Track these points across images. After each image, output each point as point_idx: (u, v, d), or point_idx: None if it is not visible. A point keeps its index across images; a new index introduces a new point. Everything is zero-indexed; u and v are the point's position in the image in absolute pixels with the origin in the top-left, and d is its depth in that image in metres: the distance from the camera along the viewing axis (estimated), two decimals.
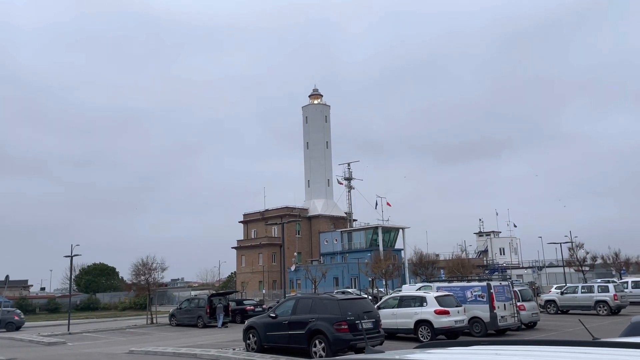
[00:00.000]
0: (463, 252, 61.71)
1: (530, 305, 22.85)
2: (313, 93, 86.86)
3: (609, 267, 53.88)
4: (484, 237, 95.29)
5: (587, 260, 49.54)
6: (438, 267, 57.44)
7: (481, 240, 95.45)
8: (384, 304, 21.07)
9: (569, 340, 3.15)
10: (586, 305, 29.56)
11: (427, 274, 50.15)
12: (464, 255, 70.05)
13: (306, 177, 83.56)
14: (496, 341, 3.44)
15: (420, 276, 50.44)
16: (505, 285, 21.26)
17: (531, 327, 22.56)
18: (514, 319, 20.74)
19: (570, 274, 52.78)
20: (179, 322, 32.08)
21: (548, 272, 67.50)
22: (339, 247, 74.64)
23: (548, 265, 74.42)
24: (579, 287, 31.03)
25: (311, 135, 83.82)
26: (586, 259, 48.71)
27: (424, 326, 18.83)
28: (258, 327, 17.19)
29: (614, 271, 53.99)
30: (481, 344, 3.47)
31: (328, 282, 59.30)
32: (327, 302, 15.74)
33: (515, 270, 75.20)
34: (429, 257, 57.18)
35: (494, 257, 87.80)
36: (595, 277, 53.19)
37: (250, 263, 77.24)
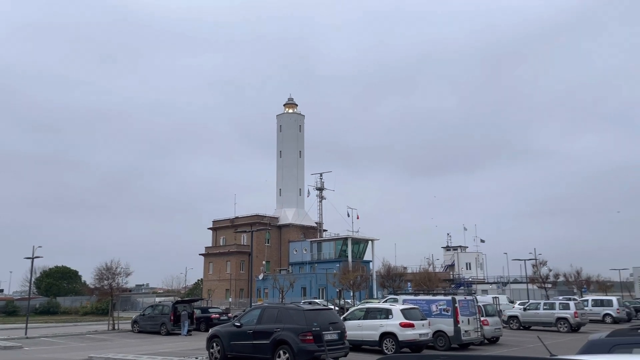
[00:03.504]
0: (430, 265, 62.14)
1: (494, 321, 23.20)
2: (288, 102, 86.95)
3: (571, 284, 55.25)
4: (451, 251, 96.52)
5: (550, 278, 50.68)
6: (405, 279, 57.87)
7: (448, 254, 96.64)
8: (351, 315, 21.08)
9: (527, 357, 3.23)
10: (547, 322, 30.17)
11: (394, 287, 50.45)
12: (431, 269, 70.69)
13: (278, 185, 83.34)
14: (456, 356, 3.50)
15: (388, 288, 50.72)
16: (469, 299, 21.55)
17: (494, 342, 22.88)
18: (477, 333, 21.01)
19: (533, 290, 53.86)
20: (141, 328, 31.44)
21: (512, 288, 68.72)
22: (308, 257, 74.51)
23: (512, 281, 75.77)
24: (541, 304, 31.68)
25: (285, 144, 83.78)
26: (549, 276, 49.83)
27: (389, 339, 18.90)
28: (222, 335, 16.98)
29: (575, 289, 55.37)
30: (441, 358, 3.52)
31: (296, 292, 59.01)
32: (293, 312, 15.66)
33: (481, 285, 76.29)
34: (396, 270, 57.61)
35: (460, 271, 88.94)
36: (557, 294, 54.40)
37: (218, 270, 76.38)
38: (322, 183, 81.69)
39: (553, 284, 54.99)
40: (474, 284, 75.33)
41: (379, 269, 60.45)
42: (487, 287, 73.74)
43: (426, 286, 45.60)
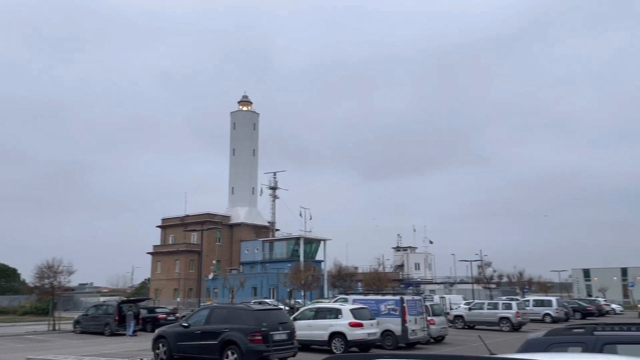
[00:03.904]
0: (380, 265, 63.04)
1: (440, 320, 23.76)
2: (242, 100, 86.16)
3: (514, 285, 57.31)
4: (401, 252, 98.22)
5: (495, 278, 52.40)
6: (356, 279, 58.46)
7: (398, 255, 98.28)
8: (301, 315, 21.09)
9: (467, 356, 3.31)
10: (491, 321, 31.16)
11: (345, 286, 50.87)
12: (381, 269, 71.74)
13: (231, 183, 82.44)
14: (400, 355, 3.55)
15: (339, 288, 51.10)
16: (417, 299, 21.98)
17: (439, 341, 23.42)
18: (424, 332, 21.46)
19: (479, 290, 55.57)
20: (84, 329, 30.35)
21: (459, 288, 70.60)
22: (259, 256, 74.05)
23: (459, 281, 77.87)
24: (485, 304, 32.70)
25: (238, 142, 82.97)
26: (493, 277, 51.51)
27: (338, 338, 19.02)
28: (169, 336, 16.63)
29: (518, 289, 57.48)
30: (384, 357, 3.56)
31: (246, 292, 58.49)
32: (242, 312, 15.53)
33: (429, 285, 78.04)
34: (347, 270, 58.11)
35: (409, 271, 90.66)
36: (501, 294, 56.30)
37: (166, 270, 74.79)
38: (276, 182, 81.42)
39: (497, 285, 56.90)
40: (422, 284, 77.00)
41: (331, 269, 60.82)
42: (435, 287, 75.53)
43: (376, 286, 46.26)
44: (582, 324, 7.89)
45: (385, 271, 74.84)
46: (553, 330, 7.55)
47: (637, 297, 69.22)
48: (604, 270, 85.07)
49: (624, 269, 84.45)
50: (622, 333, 6.80)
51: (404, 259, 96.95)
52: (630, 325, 7.23)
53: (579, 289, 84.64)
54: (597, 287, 78.20)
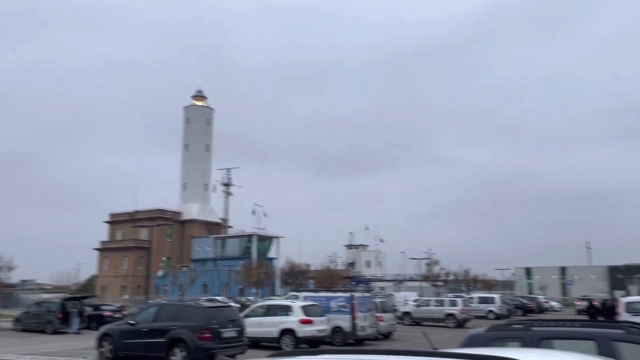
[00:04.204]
0: (332, 263, 63.57)
1: (388, 317, 24.27)
2: (197, 94, 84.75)
3: (460, 283, 59.10)
4: (353, 250, 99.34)
5: (442, 276, 53.84)
6: (308, 277, 58.81)
7: (350, 253, 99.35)
8: (251, 312, 21.06)
9: (409, 350, 3.44)
10: (437, 318, 32.07)
11: (297, 284, 51.10)
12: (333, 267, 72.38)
13: (183, 179, 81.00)
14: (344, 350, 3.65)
15: (291, 285, 51.25)
16: (367, 296, 22.37)
17: (387, 337, 23.91)
18: (372, 329, 21.86)
19: (427, 288, 56.97)
20: (25, 327, 29.15)
21: (408, 285, 72.06)
22: (211, 253, 73.14)
23: (409, 279, 79.50)
24: (432, 301, 33.61)
25: (192, 137, 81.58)
26: (440, 275, 52.92)
27: (288, 335, 19.12)
28: (114, 334, 16.25)
29: (464, 287, 59.29)
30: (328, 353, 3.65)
31: (197, 289, 57.66)
32: (192, 309, 15.38)
33: (379, 282, 79.35)
34: (300, 267, 58.36)
35: (360, 269, 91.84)
36: (448, 291, 57.94)
37: (114, 266, 72.77)
38: (230, 179, 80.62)
39: (444, 282, 58.50)
40: (373, 282, 78.22)
41: (283, 267, 60.88)
42: (385, 285, 76.86)
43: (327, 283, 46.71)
44: (521, 320, 8.28)
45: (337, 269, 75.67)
46: (494, 326, 7.88)
47: (574, 294, 72.70)
48: (545, 269, 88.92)
49: (563, 268, 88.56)
50: (557, 329, 7.20)
51: (356, 257, 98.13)
52: (564, 321, 7.66)
53: (521, 286, 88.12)
54: (538, 285, 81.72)
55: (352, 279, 77.53)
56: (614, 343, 6.52)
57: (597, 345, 6.50)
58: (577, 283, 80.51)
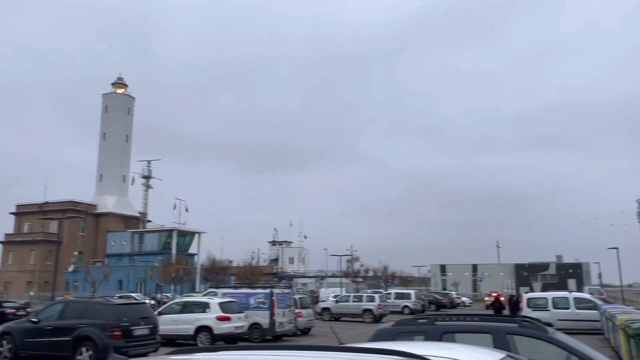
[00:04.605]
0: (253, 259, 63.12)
1: (307, 313, 24.48)
2: (117, 81, 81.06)
3: (379, 279, 60.77)
4: (277, 246, 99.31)
5: (362, 272, 55.11)
6: (230, 273, 58.09)
7: (274, 249, 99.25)
8: (167, 309, 20.50)
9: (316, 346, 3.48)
10: (355, 313, 32.77)
11: (218, 280, 50.37)
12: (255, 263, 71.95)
13: (99, 170, 77.25)
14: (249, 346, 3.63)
15: (211, 282, 50.43)
16: (286, 292, 22.43)
17: (306, 333, 24.12)
18: (291, 325, 21.96)
19: (348, 284, 58.08)
20: None
21: (330, 281, 73.09)
22: (127, 248, 70.27)
23: (330, 275, 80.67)
24: (350, 297, 34.30)
25: (110, 126, 77.93)
26: (360, 271, 54.15)
27: (204, 332, 18.80)
28: (15, 332, 15.23)
29: (382, 283, 61.02)
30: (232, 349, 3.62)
31: (111, 286, 55.24)
32: (101, 306, 14.72)
33: (301, 279, 79.92)
34: (221, 263, 57.53)
35: (283, 265, 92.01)
36: (367, 287, 59.39)
37: (19, 261, 68.19)
38: (150, 171, 77.80)
39: (364, 278, 59.91)
40: (295, 278, 78.66)
41: (204, 263, 59.74)
42: (307, 281, 77.55)
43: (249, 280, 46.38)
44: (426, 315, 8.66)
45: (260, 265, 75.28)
46: (400, 320, 8.17)
47: (484, 290, 76.88)
48: (458, 266, 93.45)
49: (475, 265, 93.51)
50: (459, 323, 7.59)
51: (279, 253, 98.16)
52: (465, 316, 8.09)
53: (436, 283, 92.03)
54: (451, 282, 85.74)
55: (275, 276, 77.51)
56: (508, 336, 6.97)
57: (493, 338, 6.92)
58: (487, 280, 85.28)
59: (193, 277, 58.97)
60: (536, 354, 6.95)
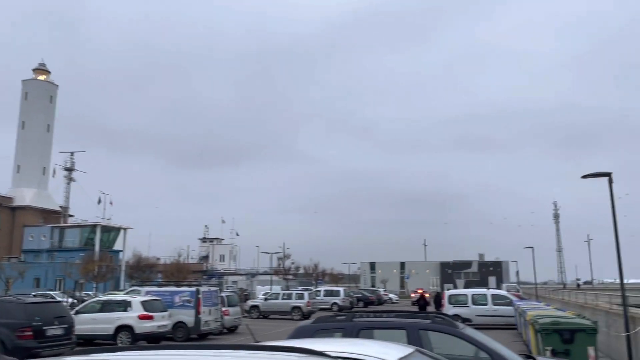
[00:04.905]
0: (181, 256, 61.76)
1: (235, 310, 24.28)
2: (39, 67, 76.49)
3: (310, 276, 61.24)
4: (207, 243, 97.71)
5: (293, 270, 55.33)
6: (157, 270, 56.53)
7: (204, 246, 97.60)
8: (86, 308, 19.63)
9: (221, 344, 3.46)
10: (284, 311, 32.83)
11: (143, 278, 48.92)
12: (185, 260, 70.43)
13: (17, 161, 72.63)
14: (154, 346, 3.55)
15: (136, 279, 48.90)
16: (213, 290, 22.13)
17: (233, 331, 23.91)
18: (217, 323, 21.69)
19: (279, 281, 58.08)
20: None
21: (261, 279, 72.83)
22: (47, 244, 66.59)
23: (262, 273, 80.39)
24: (280, 294, 34.32)
25: (30, 114, 73.42)
26: (291, 269, 54.34)
27: (124, 332, 18.18)
28: None
29: (313, 280, 61.55)
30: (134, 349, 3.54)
31: (27, 283, 52.18)
32: (11, 305, 13.87)
33: (232, 276, 79.06)
34: (148, 261, 55.84)
35: (214, 263, 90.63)
36: (299, 285, 59.69)
37: None
38: (73, 163, 74.16)
39: (295, 276, 60.16)
40: (226, 275, 77.73)
41: (129, 260, 57.77)
42: (238, 279, 76.82)
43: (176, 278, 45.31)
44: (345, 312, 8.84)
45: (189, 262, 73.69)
46: (320, 317, 8.29)
47: (411, 287, 79.35)
48: (387, 264, 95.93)
49: (403, 263, 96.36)
50: (375, 319, 7.80)
51: (210, 250, 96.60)
52: (382, 312, 8.34)
53: (365, 280, 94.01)
54: (380, 279, 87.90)
55: (205, 273, 76.22)
56: (421, 332, 7.24)
57: (407, 334, 7.17)
58: (414, 277, 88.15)
59: (117, 275, 56.85)
60: (448, 348, 7.27)
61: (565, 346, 11.23)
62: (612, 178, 13.65)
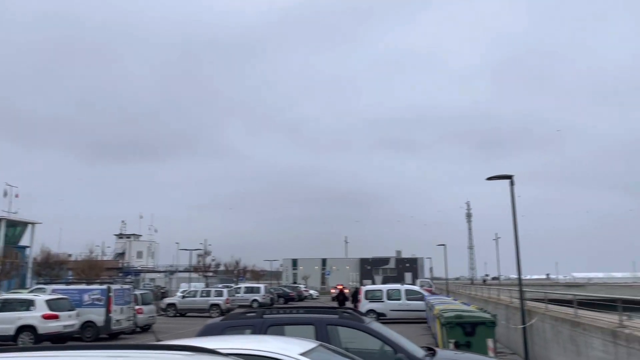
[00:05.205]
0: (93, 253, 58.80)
1: (149, 309, 23.58)
2: None
3: (231, 273, 60.57)
4: (124, 239, 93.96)
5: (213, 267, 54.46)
6: (67, 268, 53.71)
7: (120, 242, 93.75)
8: None
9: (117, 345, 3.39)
10: (202, 308, 32.30)
11: (52, 275, 46.49)
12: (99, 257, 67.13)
13: None
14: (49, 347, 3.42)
15: (44, 277, 46.32)
16: (126, 288, 21.38)
17: (146, 330, 23.20)
18: (129, 322, 20.97)
19: (200, 279, 56.95)
20: None
21: (180, 276, 71.04)
22: None
23: (182, 270, 78.44)
24: (198, 292, 33.71)
25: None
26: (212, 266, 53.48)
27: (26, 332, 17.15)
28: None
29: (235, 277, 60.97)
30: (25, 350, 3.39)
31: None
32: None
33: (150, 274, 76.47)
34: (58, 257, 52.90)
35: (130, 260, 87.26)
36: (220, 282, 58.86)
37: None
38: None
39: (215, 273, 59.24)
40: (143, 273, 75.04)
41: (37, 256, 54.40)
42: (156, 276, 74.46)
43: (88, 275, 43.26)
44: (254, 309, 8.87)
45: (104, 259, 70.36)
46: (230, 314, 8.29)
47: (332, 283, 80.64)
48: (308, 261, 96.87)
49: (324, 260, 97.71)
50: (285, 316, 7.91)
51: (127, 247, 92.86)
52: (292, 308, 8.47)
53: (287, 276, 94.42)
54: (302, 275, 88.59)
55: (120, 270, 73.22)
56: (329, 327, 7.43)
57: (315, 329, 7.33)
58: (335, 273, 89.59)
59: (23, 272, 53.30)
60: (356, 343, 7.52)
61: (467, 338, 11.92)
62: (513, 180, 14.62)
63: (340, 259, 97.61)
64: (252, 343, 5.27)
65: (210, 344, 4.88)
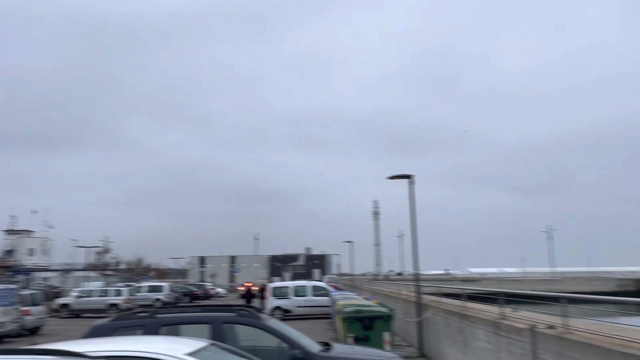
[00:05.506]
0: None
1: (38, 310, 22.01)
2: None
3: (133, 272, 58.09)
4: (14, 235, 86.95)
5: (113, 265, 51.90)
6: None
7: (10, 238, 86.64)
8: None
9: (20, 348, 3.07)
10: (99, 309, 30.64)
11: None
12: None
13: None
14: None
15: None
16: (10, 288, 19.80)
17: (35, 333, 21.65)
18: (15, 324, 19.47)
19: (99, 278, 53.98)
20: None
21: (78, 275, 67.00)
22: None
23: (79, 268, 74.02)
24: (95, 291, 31.95)
25: None
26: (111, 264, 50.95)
27: None
28: None
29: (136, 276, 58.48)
30: None
31: None
32: None
33: (44, 272, 71.41)
34: None
35: (20, 258, 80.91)
36: (120, 281, 56.18)
37: None
38: None
39: (115, 271, 56.51)
40: (36, 271, 69.97)
41: None
42: (50, 275, 69.69)
43: None
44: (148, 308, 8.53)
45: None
46: (120, 315, 7.90)
47: (241, 281, 79.89)
48: (217, 258, 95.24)
49: (233, 257, 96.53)
50: (179, 315, 7.67)
51: (17, 244, 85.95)
52: (186, 307, 8.25)
53: (194, 274, 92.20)
54: (210, 273, 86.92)
55: (9, 269, 67.66)
56: (225, 325, 7.31)
57: (211, 327, 7.18)
58: (244, 270, 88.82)
59: None
60: (254, 340, 7.46)
61: (365, 332, 12.27)
62: (412, 180, 15.26)
63: (250, 256, 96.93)
64: (137, 344, 5.03)
65: (92, 346, 4.60)
